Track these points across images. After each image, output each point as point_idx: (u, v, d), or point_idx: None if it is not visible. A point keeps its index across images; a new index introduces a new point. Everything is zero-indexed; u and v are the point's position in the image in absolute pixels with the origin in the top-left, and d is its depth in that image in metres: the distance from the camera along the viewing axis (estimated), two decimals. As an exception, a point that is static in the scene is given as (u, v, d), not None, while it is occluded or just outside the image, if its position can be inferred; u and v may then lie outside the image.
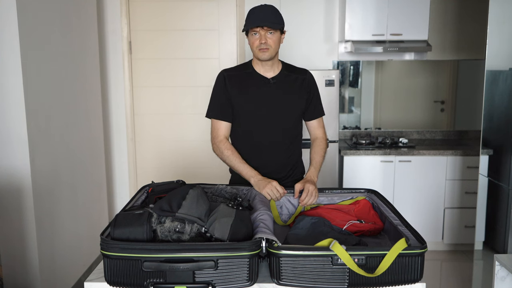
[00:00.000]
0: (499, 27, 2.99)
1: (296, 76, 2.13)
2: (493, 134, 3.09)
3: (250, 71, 2.11)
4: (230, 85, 2.09)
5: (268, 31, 1.96)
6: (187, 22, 4.01)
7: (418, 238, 1.39)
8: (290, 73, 2.13)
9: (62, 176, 2.99)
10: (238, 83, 2.09)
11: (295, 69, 2.17)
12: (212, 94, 2.15)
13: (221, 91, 2.10)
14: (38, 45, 2.69)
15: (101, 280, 1.35)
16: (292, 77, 2.12)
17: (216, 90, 2.13)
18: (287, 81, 2.10)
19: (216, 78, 2.14)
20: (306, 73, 2.16)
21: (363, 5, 3.75)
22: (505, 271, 1.89)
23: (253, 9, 2.02)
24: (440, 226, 3.78)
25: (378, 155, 3.70)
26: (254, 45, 1.99)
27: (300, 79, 2.13)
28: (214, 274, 1.28)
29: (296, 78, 2.12)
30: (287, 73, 2.12)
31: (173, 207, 1.42)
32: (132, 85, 4.08)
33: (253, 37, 1.98)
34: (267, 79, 2.08)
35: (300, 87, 2.12)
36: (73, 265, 3.15)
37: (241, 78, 2.10)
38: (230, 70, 2.16)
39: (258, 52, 1.99)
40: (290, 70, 2.14)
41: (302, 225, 1.65)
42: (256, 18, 1.96)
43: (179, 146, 4.15)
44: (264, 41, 1.96)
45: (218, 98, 2.12)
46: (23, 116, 2.52)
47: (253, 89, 2.08)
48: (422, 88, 4.25)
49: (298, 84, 2.12)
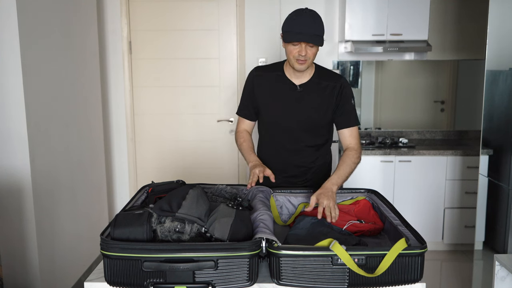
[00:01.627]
0: (499, 27, 2.99)
1: (327, 84, 2.03)
2: (493, 134, 3.09)
3: (280, 74, 2.07)
4: (257, 86, 2.09)
5: (309, 44, 1.88)
6: (187, 22, 4.01)
7: (418, 238, 1.39)
8: (321, 80, 2.04)
9: (62, 176, 2.99)
10: (265, 85, 2.07)
11: (328, 75, 2.07)
12: (242, 92, 2.19)
13: (247, 92, 2.14)
14: (38, 45, 2.69)
15: (101, 280, 1.35)
16: (322, 85, 2.04)
17: (245, 90, 2.17)
18: (315, 89, 2.03)
19: (247, 76, 2.16)
20: (338, 81, 2.05)
21: (363, 5, 3.75)
22: (505, 271, 1.89)
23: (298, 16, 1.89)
24: (440, 226, 3.78)
25: (378, 155, 3.70)
26: (291, 54, 1.92)
27: (331, 86, 2.03)
28: (214, 274, 1.28)
29: (326, 86, 2.03)
30: (317, 80, 2.04)
31: (173, 207, 1.42)
32: (132, 85, 4.08)
33: (292, 47, 1.90)
34: (295, 85, 2.04)
35: (330, 95, 2.03)
36: (73, 265, 3.15)
37: (269, 81, 2.08)
38: (261, 69, 2.14)
39: (295, 62, 1.93)
40: (321, 77, 2.05)
41: (302, 225, 1.65)
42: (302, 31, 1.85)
43: (179, 146, 4.15)
44: (304, 54, 1.89)
45: (245, 98, 2.16)
46: (23, 116, 2.52)
47: (279, 94, 2.05)
48: (422, 88, 4.25)
49: (328, 93, 2.03)
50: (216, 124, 4.12)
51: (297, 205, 1.88)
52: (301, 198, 1.89)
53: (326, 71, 2.10)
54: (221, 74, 4.09)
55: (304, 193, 1.91)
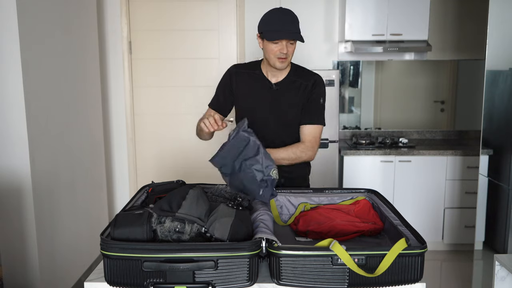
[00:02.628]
0: (499, 27, 2.99)
1: (300, 82, 2.07)
2: (493, 134, 3.09)
3: (257, 72, 2.11)
4: (236, 82, 2.11)
5: (289, 41, 1.93)
6: (187, 22, 4.01)
7: (418, 238, 1.39)
8: (296, 78, 2.08)
9: (62, 176, 2.99)
10: (243, 82, 2.10)
11: (303, 73, 2.10)
12: (218, 86, 2.19)
13: (224, 86, 2.15)
14: (38, 45, 2.69)
15: (101, 280, 1.35)
16: (296, 83, 2.07)
17: (221, 84, 2.18)
18: (290, 88, 2.07)
19: (226, 71, 2.18)
20: (311, 79, 2.08)
21: (363, 5, 3.75)
22: (505, 271, 1.89)
23: (274, 14, 1.95)
24: (440, 226, 3.78)
25: (378, 155, 3.70)
26: (272, 53, 1.95)
27: (304, 85, 2.07)
28: (214, 274, 1.28)
29: (300, 84, 2.07)
30: (293, 78, 2.07)
31: (173, 207, 1.42)
32: (132, 85, 4.08)
33: (274, 45, 1.94)
34: (271, 83, 2.08)
35: (299, 92, 2.07)
36: (73, 265, 3.15)
37: (248, 78, 2.11)
38: (240, 66, 2.18)
39: (276, 60, 1.97)
40: (296, 75, 2.09)
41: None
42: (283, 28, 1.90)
43: (179, 146, 4.15)
44: (285, 51, 1.93)
45: (221, 92, 2.17)
46: (23, 116, 2.52)
47: (256, 92, 2.08)
48: (422, 88, 4.25)
49: (301, 91, 2.06)
50: (216, 124, 4.11)
51: (297, 205, 1.88)
52: (301, 198, 1.89)
53: (302, 70, 2.13)
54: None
55: (304, 193, 1.91)
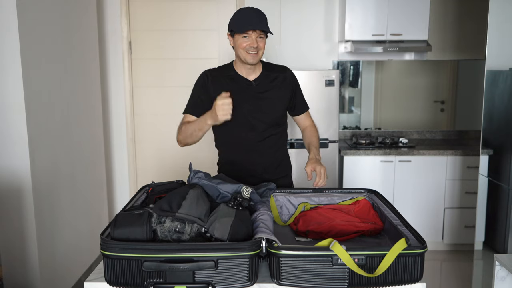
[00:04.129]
0: (499, 27, 2.99)
1: (276, 75, 2.15)
2: (493, 134, 3.09)
3: (233, 73, 2.12)
4: (213, 87, 2.08)
5: (259, 35, 1.98)
6: (187, 22, 4.01)
7: (418, 238, 1.39)
8: (271, 72, 2.15)
9: (62, 176, 2.99)
10: (221, 85, 2.07)
11: (274, 67, 2.19)
12: (192, 92, 2.17)
13: (200, 90, 2.11)
14: (38, 45, 2.69)
15: (101, 280, 1.35)
16: (272, 76, 2.14)
17: (196, 89, 2.15)
18: (268, 82, 2.13)
19: (199, 76, 2.15)
20: (286, 71, 2.19)
21: (363, 5, 3.75)
22: (505, 271, 1.89)
23: (243, 10, 2.01)
24: (440, 226, 3.78)
25: (378, 155, 3.70)
26: (241, 47, 1.99)
27: (281, 77, 2.16)
28: (214, 274, 1.28)
29: (277, 77, 2.15)
30: (268, 73, 2.14)
31: (173, 207, 1.42)
32: (132, 85, 4.08)
33: (243, 39, 1.98)
34: (249, 81, 2.11)
35: (281, 85, 2.15)
36: (73, 265, 3.15)
37: (224, 81, 2.10)
38: (214, 71, 2.16)
39: (247, 55, 2.00)
40: (270, 70, 2.16)
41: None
42: (251, 21, 1.96)
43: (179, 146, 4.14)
44: (255, 45, 1.97)
45: (197, 97, 2.13)
46: (23, 116, 2.52)
47: (236, 92, 2.04)
48: (422, 88, 4.25)
49: (279, 83, 2.14)
50: (216, 124, 4.12)
51: (297, 205, 1.88)
52: (301, 198, 1.89)
53: (272, 64, 2.21)
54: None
55: (304, 193, 1.91)
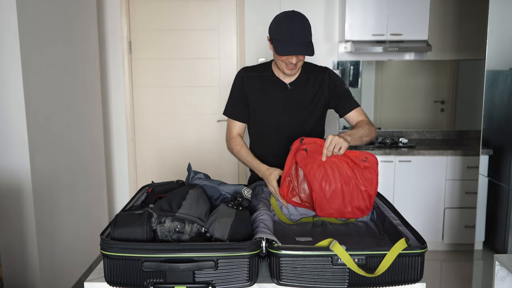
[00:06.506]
0: (499, 27, 2.99)
1: (315, 77, 2.06)
2: (493, 134, 3.09)
3: (269, 74, 2.07)
4: (249, 86, 2.06)
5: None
6: (187, 22, 4.01)
7: (418, 238, 1.39)
8: (310, 75, 2.06)
9: (62, 176, 2.99)
10: (256, 85, 2.06)
11: (314, 69, 2.09)
12: (230, 92, 2.14)
13: (238, 91, 2.09)
14: (38, 45, 2.69)
15: (101, 280, 1.35)
16: (311, 80, 2.06)
17: (234, 89, 2.12)
18: (305, 85, 2.05)
19: (235, 76, 2.13)
20: (325, 72, 2.08)
21: (363, 5, 3.75)
22: (505, 271, 1.89)
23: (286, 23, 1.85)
24: (440, 226, 3.78)
25: (378, 155, 3.70)
26: (281, 59, 1.91)
27: (320, 79, 2.06)
28: (214, 274, 1.28)
29: (315, 80, 2.06)
30: (306, 76, 2.06)
31: (173, 207, 1.42)
32: (132, 85, 4.08)
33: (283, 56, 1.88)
34: (285, 84, 2.05)
35: (320, 88, 2.06)
36: (73, 265, 3.15)
37: (260, 81, 2.07)
38: (250, 70, 2.12)
39: (285, 68, 1.93)
40: (309, 72, 2.07)
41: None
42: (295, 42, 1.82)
43: (179, 146, 4.15)
44: (294, 62, 1.88)
45: (235, 98, 2.11)
46: (23, 116, 2.52)
47: (270, 94, 2.04)
48: (422, 88, 4.25)
49: (317, 86, 2.06)
50: (216, 124, 4.12)
51: (297, 205, 1.88)
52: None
53: (313, 65, 2.11)
54: (221, 74, 4.09)
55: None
